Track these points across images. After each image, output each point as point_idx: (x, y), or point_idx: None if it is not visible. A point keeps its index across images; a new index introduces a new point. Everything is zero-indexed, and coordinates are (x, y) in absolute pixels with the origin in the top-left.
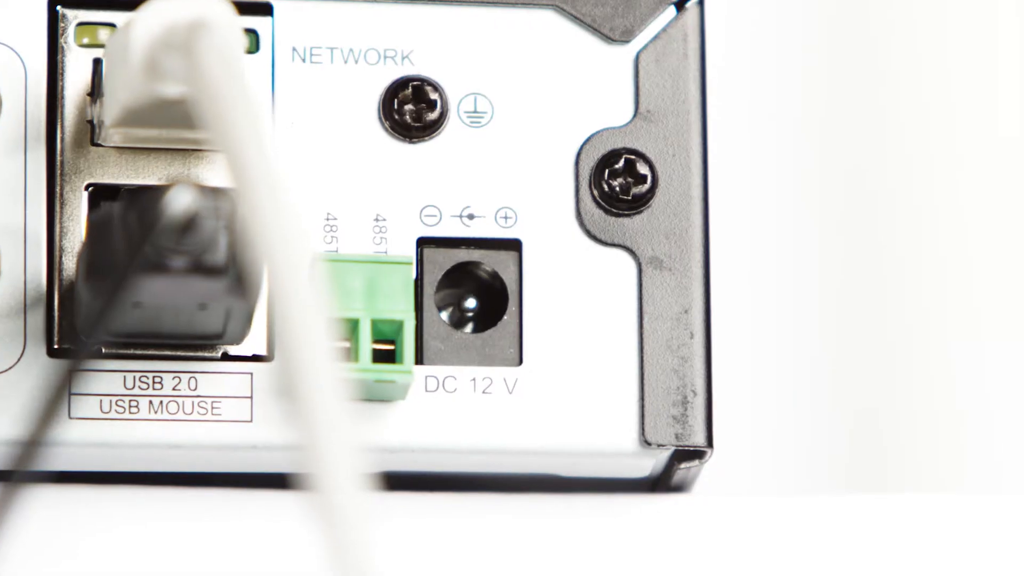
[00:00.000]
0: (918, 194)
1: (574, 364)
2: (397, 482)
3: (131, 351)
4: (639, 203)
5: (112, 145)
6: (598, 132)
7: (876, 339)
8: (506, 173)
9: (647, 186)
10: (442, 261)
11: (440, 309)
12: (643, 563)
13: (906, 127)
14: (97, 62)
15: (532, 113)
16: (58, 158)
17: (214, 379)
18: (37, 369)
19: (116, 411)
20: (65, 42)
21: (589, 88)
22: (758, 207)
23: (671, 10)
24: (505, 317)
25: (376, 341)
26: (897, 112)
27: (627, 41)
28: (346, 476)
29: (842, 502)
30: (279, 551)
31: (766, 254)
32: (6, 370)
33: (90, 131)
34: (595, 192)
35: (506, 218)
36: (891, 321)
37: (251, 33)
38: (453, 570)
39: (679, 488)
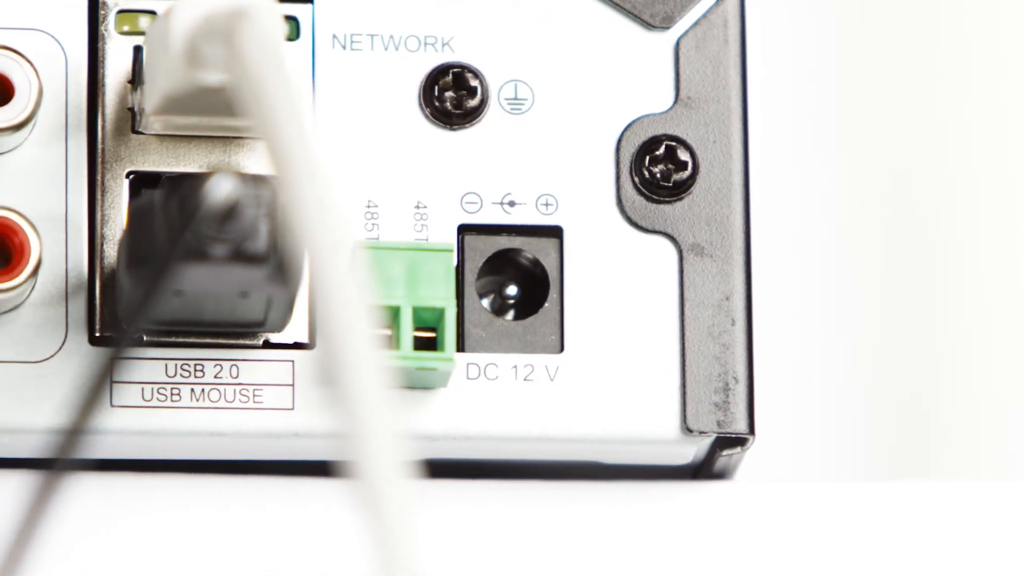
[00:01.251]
0: (961, 177)
1: (616, 351)
2: (438, 470)
3: (172, 339)
4: (680, 190)
5: (153, 133)
6: (639, 119)
7: (919, 324)
8: (547, 160)
9: (688, 172)
10: (483, 248)
11: (481, 296)
12: (685, 550)
13: (949, 113)
14: (138, 50)
15: (573, 100)
16: (99, 146)
17: (255, 367)
18: (79, 357)
19: (158, 399)
20: (106, 29)
21: (629, 75)
22: (799, 192)
23: None
24: (546, 304)
25: (417, 329)
26: (939, 96)
27: (667, 27)
28: (387, 464)
29: (884, 489)
30: (321, 539)
31: (807, 240)
32: (48, 358)
33: (131, 119)
34: (636, 179)
35: (547, 205)
36: (934, 306)
37: (291, 20)
38: (495, 558)
39: (721, 475)
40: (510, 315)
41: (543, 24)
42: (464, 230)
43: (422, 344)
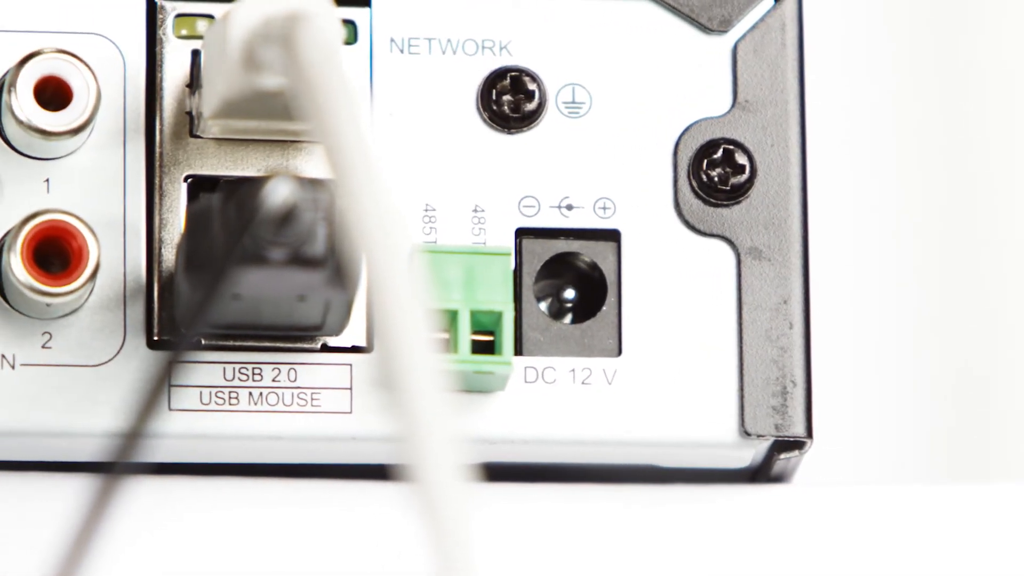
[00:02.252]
0: (1022, 180)
1: (673, 355)
2: (496, 473)
3: (230, 343)
4: (738, 193)
5: (211, 136)
6: (696, 122)
7: (977, 325)
8: (604, 163)
9: (746, 176)
10: (541, 252)
11: (539, 300)
12: (743, 554)
13: (1009, 115)
14: (196, 53)
15: (630, 103)
16: (157, 150)
17: (313, 370)
18: (137, 361)
19: (216, 403)
20: (164, 33)
21: (687, 78)
22: (856, 195)
23: (769, 0)
24: (604, 308)
25: (475, 332)
26: (998, 99)
27: (725, 31)
28: (445, 467)
29: (943, 492)
30: (379, 541)
31: (865, 242)
32: (106, 362)
33: (189, 122)
34: (694, 182)
35: (605, 208)
36: (993, 306)
37: (349, 24)
38: (552, 561)
39: (779, 478)
40: (568, 319)
41: (601, 28)
42: (522, 234)
43: (480, 348)
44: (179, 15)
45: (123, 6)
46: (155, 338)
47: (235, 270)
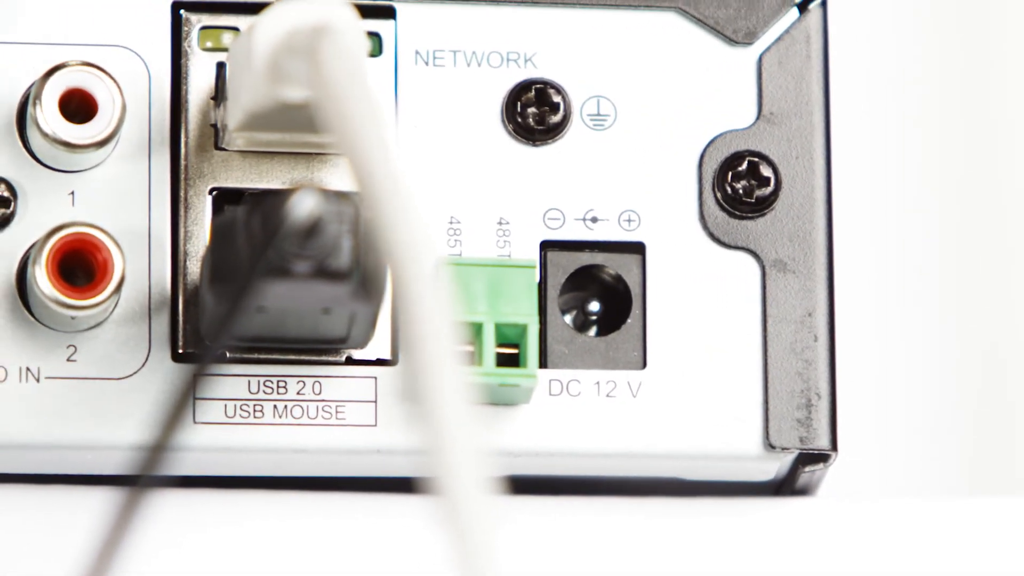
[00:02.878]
0: None
1: (698, 367)
2: (521, 486)
3: (255, 355)
4: (763, 205)
5: (236, 149)
6: (721, 134)
7: (1002, 338)
8: (629, 176)
9: (771, 188)
10: (566, 264)
11: (564, 312)
12: (767, 567)
13: None
14: (221, 66)
15: (655, 115)
16: (182, 162)
17: (338, 383)
18: (161, 374)
19: (240, 416)
20: (189, 46)
21: (712, 90)
22: (882, 208)
23: (794, 12)
24: (629, 320)
25: (500, 345)
26: (1021, 110)
27: (750, 43)
28: (470, 480)
29: (968, 505)
30: (404, 555)
31: (890, 255)
32: (131, 375)
33: (214, 135)
34: (718, 194)
35: (629, 221)
36: (1018, 321)
37: (374, 36)
38: (577, 574)
39: (803, 492)
40: (592, 331)
41: (625, 40)
42: (547, 246)
43: (504, 360)
44: (204, 27)
45: (148, 18)
46: (180, 351)
47: (260, 283)
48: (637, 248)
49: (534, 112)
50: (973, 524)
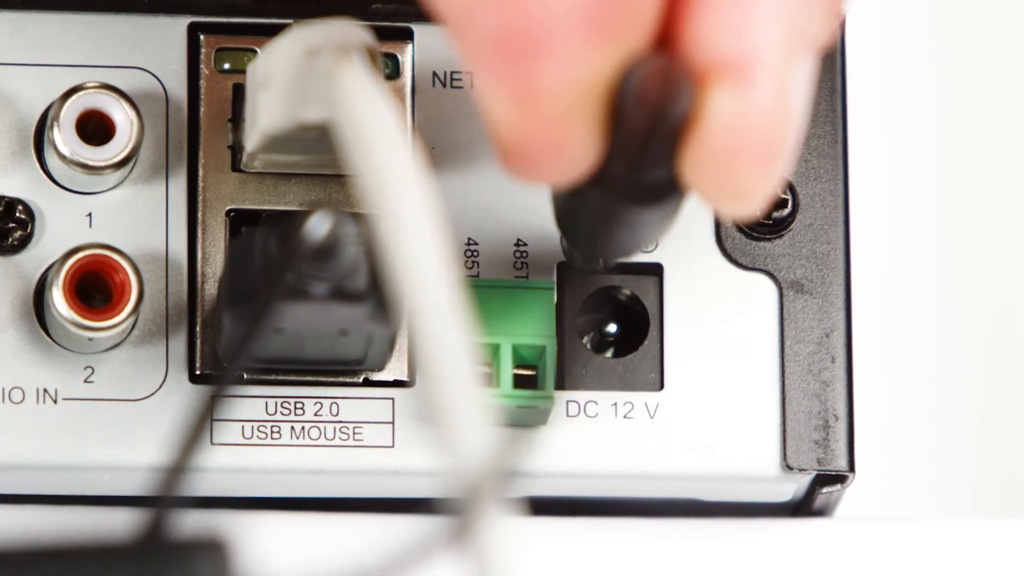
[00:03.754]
0: None
1: (715, 389)
2: (539, 507)
3: (272, 377)
4: (780, 227)
5: (253, 171)
6: None
7: (1019, 363)
8: None
9: (788, 210)
10: (583, 286)
11: (581, 334)
12: None
13: None
14: (238, 88)
15: None
16: (199, 184)
17: (355, 405)
18: (179, 395)
19: (258, 437)
20: (206, 68)
21: None
22: (900, 229)
23: None
24: (646, 342)
25: (517, 367)
26: None
27: None
28: (488, 502)
29: (986, 527)
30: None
31: (908, 276)
32: (148, 396)
33: (231, 157)
34: None
35: None
36: None
37: (391, 58)
38: None
39: (821, 512)
40: (610, 353)
41: None
42: (564, 268)
43: (522, 382)
44: (221, 49)
45: (166, 40)
46: (197, 372)
47: (277, 304)
48: (654, 269)
49: None
50: (990, 546)
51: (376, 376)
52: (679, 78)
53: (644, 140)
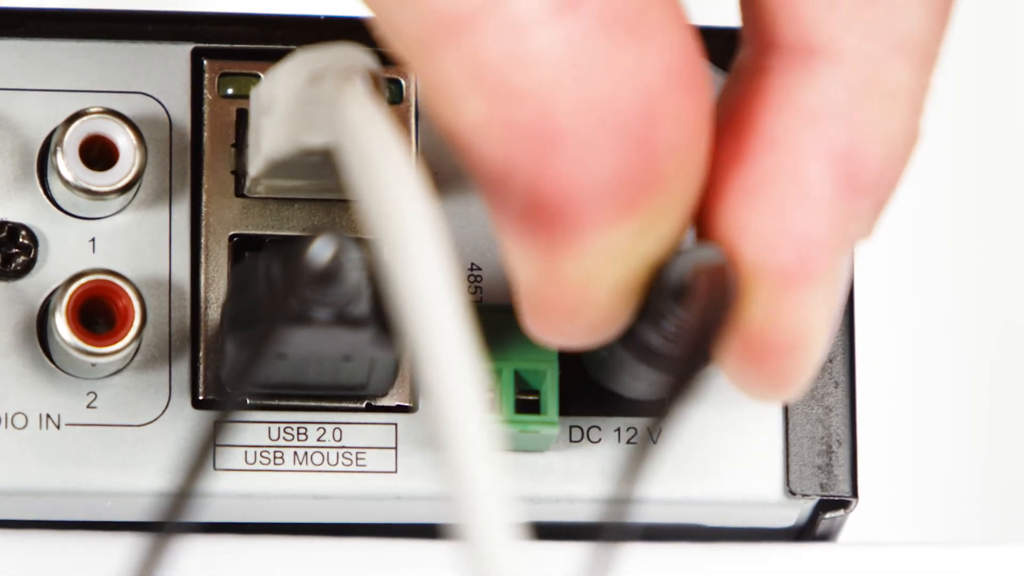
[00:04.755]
0: None
1: (719, 413)
2: (542, 531)
3: (275, 402)
4: None
5: (256, 196)
6: None
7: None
8: None
9: None
10: None
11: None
12: None
13: None
14: (241, 113)
15: None
16: (202, 209)
17: (359, 430)
18: (182, 421)
19: (261, 462)
20: (209, 93)
21: None
22: (902, 254)
23: None
24: None
25: (520, 392)
26: None
27: None
28: (492, 526)
29: (990, 553)
30: None
31: (910, 302)
32: (151, 422)
33: (234, 182)
34: None
35: None
36: None
37: (394, 83)
38: None
39: (824, 538)
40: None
41: None
42: None
43: (524, 407)
44: (224, 74)
45: (169, 66)
46: (200, 398)
47: (280, 330)
48: None
49: None
50: (994, 572)
51: (379, 401)
52: (729, 281)
53: (693, 335)
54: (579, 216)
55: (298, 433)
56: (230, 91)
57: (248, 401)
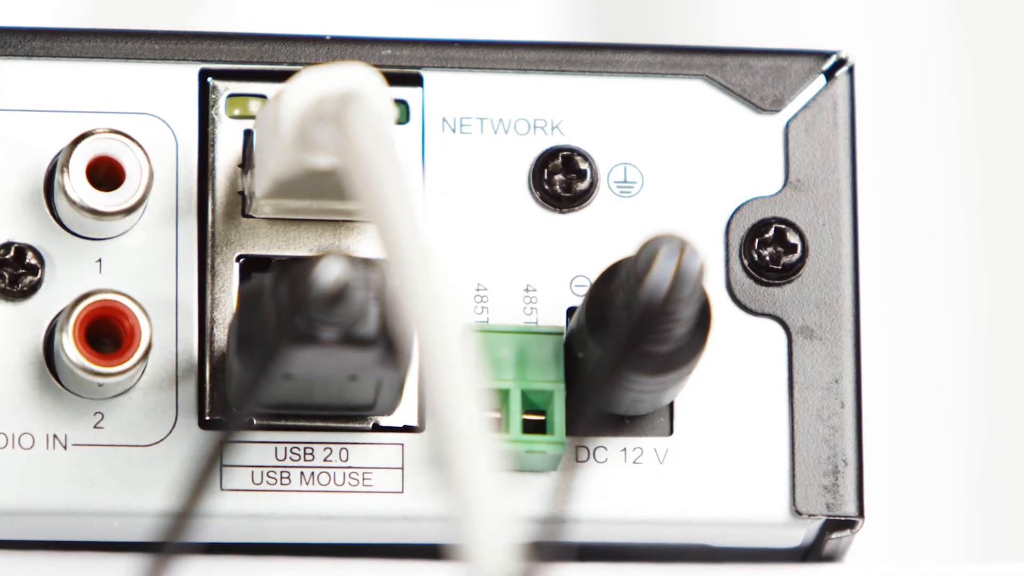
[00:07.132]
0: None
1: (725, 434)
2: (548, 553)
3: (282, 422)
4: (789, 272)
5: (263, 216)
6: (748, 201)
7: None
8: None
9: (797, 255)
10: None
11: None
12: None
13: None
14: (248, 133)
15: (682, 183)
16: (209, 229)
17: (365, 450)
18: (188, 441)
19: (267, 482)
20: (216, 114)
21: (739, 157)
22: (908, 275)
23: (820, 79)
24: None
25: (526, 412)
26: None
27: (777, 110)
28: (498, 547)
29: (997, 571)
30: None
31: (917, 322)
32: (158, 442)
33: (241, 202)
34: (745, 261)
35: None
36: None
37: (401, 104)
38: None
39: (830, 558)
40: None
41: (652, 107)
42: (573, 313)
43: (531, 427)
44: (231, 95)
45: (176, 86)
46: (207, 418)
47: (287, 350)
48: None
49: (561, 179)
50: None
51: (386, 421)
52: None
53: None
54: None
55: (304, 453)
56: (237, 111)
57: (255, 421)
